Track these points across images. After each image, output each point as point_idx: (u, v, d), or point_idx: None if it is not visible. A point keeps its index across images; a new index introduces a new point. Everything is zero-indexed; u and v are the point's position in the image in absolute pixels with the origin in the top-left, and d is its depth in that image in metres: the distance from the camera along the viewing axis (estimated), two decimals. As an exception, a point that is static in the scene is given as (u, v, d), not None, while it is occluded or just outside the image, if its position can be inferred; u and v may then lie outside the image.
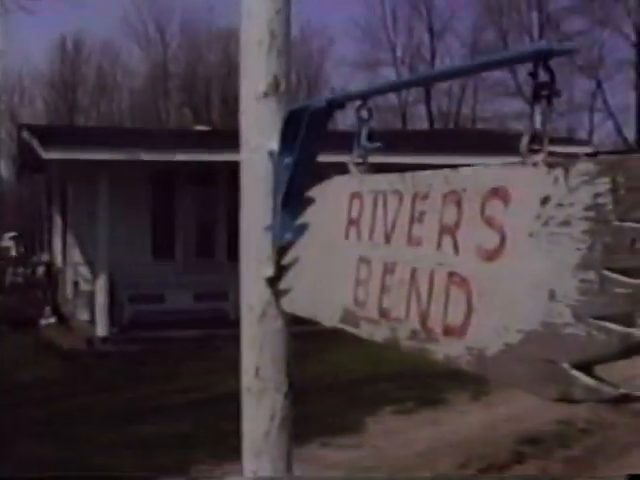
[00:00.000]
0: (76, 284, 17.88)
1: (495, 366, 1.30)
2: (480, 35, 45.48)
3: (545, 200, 1.21)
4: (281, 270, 1.96)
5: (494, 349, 1.29)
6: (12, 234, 36.70)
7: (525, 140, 1.27)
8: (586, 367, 1.14)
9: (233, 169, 3.18)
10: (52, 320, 18.30)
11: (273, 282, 1.97)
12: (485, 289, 1.31)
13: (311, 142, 1.85)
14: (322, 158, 1.94)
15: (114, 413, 10.23)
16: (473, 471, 7.84)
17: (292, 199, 1.90)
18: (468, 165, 1.44)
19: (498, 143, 16.91)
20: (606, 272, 1.10)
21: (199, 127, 26.85)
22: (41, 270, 22.58)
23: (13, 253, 33.54)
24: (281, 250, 1.94)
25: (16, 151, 24.82)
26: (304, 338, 3.24)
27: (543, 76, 1.27)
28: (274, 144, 1.94)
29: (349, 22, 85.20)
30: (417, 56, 47.99)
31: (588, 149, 19.25)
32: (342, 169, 1.80)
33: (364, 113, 1.70)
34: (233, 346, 2.86)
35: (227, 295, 15.77)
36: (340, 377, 12.04)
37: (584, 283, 1.13)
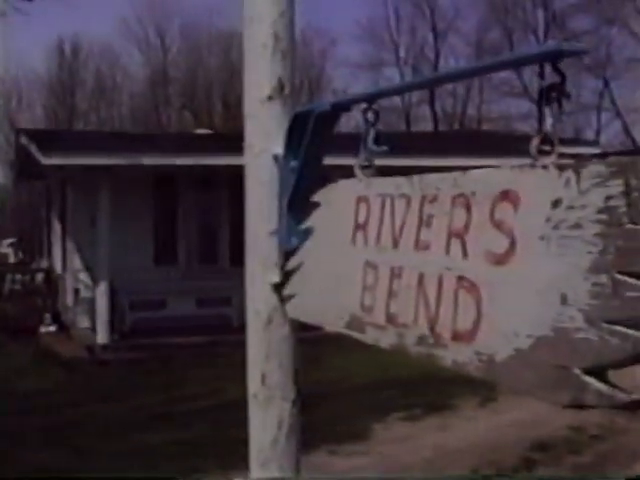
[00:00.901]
0: (76, 291, 17.80)
1: (505, 372, 1.28)
2: (485, 34, 44.75)
3: (556, 203, 1.19)
4: (286, 275, 1.94)
5: (503, 354, 1.27)
6: (10, 240, 36.66)
7: (535, 142, 1.26)
8: (598, 373, 1.13)
9: (235, 173, 3.16)
10: (52, 328, 18.23)
11: (279, 288, 1.95)
12: (495, 294, 1.29)
13: (317, 145, 1.83)
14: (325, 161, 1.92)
15: (115, 421, 10.18)
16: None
17: (298, 203, 1.87)
18: (474, 167, 1.42)
19: (504, 144, 16.90)
20: (619, 276, 1.09)
21: (200, 131, 26.79)
22: (40, 277, 22.48)
23: (12, 260, 33.52)
24: (287, 255, 1.92)
25: (14, 156, 24.71)
26: (310, 343, 3.21)
27: (552, 77, 1.26)
28: (279, 148, 1.92)
29: (351, 22, 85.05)
30: (421, 56, 47.45)
31: (595, 150, 19.17)
32: (342, 172, 1.78)
33: (370, 116, 1.69)
34: (236, 352, 2.84)
35: (230, 301, 15.72)
36: (347, 383, 11.94)
37: (596, 287, 1.12)
